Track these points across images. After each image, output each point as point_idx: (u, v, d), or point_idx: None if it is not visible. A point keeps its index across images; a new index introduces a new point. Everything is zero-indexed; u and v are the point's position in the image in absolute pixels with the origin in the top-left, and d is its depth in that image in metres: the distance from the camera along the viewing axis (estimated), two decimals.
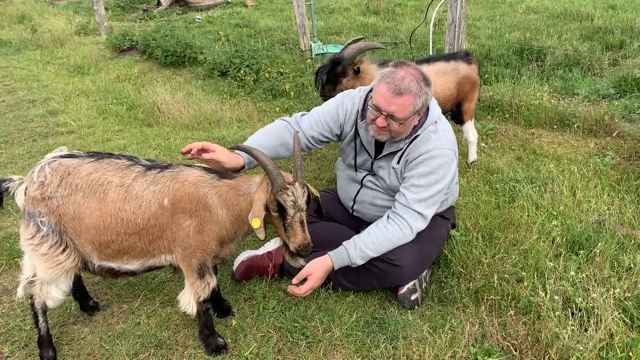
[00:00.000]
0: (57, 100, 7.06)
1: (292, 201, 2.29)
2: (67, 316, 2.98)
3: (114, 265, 2.52)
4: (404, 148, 2.88)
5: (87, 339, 2.80)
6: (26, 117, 6.51)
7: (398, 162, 2.91)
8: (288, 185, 2.29)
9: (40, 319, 2.59)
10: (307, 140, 3.04)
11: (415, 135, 2.85)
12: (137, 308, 3.01)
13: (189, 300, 2.55)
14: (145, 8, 13.75)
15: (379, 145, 2.98)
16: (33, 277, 2.51)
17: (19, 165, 5.04)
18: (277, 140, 2.94)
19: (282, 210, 2.31)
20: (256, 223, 2.26)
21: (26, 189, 2.42)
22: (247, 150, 2.46)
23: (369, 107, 2.79)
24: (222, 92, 6.88)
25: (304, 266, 2.68)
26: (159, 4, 13.88)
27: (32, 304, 2.57)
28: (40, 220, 2.39)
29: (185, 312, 2.60)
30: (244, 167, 2.82)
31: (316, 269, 2.76)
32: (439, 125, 2.88)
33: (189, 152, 2.68)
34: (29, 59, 9.56)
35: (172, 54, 8.36)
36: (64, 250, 2.43)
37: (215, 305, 2.85)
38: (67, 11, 13.94)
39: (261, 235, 2.31)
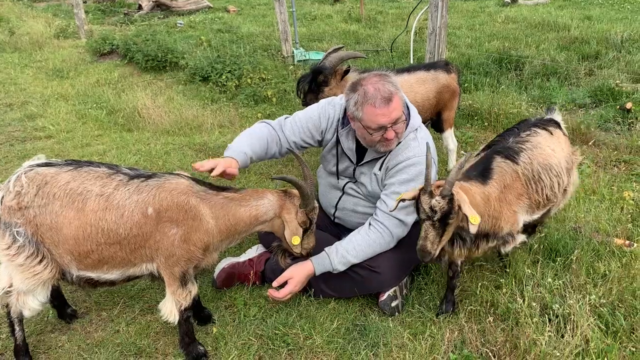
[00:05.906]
0: (35, 104, 6.95)
1: (317, 215, 2.66)
2: (45, 324, 2.94)
3: (93, 275, 2.49)
4: (386, 154, 2.91)
5: (65, 347, 2.76)
6: (3, 121, 6.39)
7: (380, 169, 2.94)
8: (316, 205, 2.61)
9: (17, 327, 2.56)
10: (288, 145, 3.08)
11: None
12: (116, 316, 2.98)
13: (170, 309, 2.54)
14: (126, 12, 13.67)
15: (361, 152, 3.00)
16: (9, 287, 2.46)
17: None
18: (264, 147, 3.01)
19: (309, 224, 2.64)
20: (297, 240, 2.58)
21: (2, 198, 2.37)
22: (288, 180, 2.53)
23: (368, 133, 2.76)
24: (203, 98, 6.85)
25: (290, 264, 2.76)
26: (140, 8, 13.79)
27: (8, 313, 2.53)
28: (17, 231, 2.35)
29: (167, 320, 2.58)
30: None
31: (297, 273, 2.79)
32: (418, 133, 2.92)
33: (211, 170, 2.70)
34: (6, 62, 9.39)
35: (153, 58, 8.30)
36: (40, 261, 2.39)
37: (196, 313, 2.84)
38: (46, 14, 13.75)
39: (298, 250, 2.65)
